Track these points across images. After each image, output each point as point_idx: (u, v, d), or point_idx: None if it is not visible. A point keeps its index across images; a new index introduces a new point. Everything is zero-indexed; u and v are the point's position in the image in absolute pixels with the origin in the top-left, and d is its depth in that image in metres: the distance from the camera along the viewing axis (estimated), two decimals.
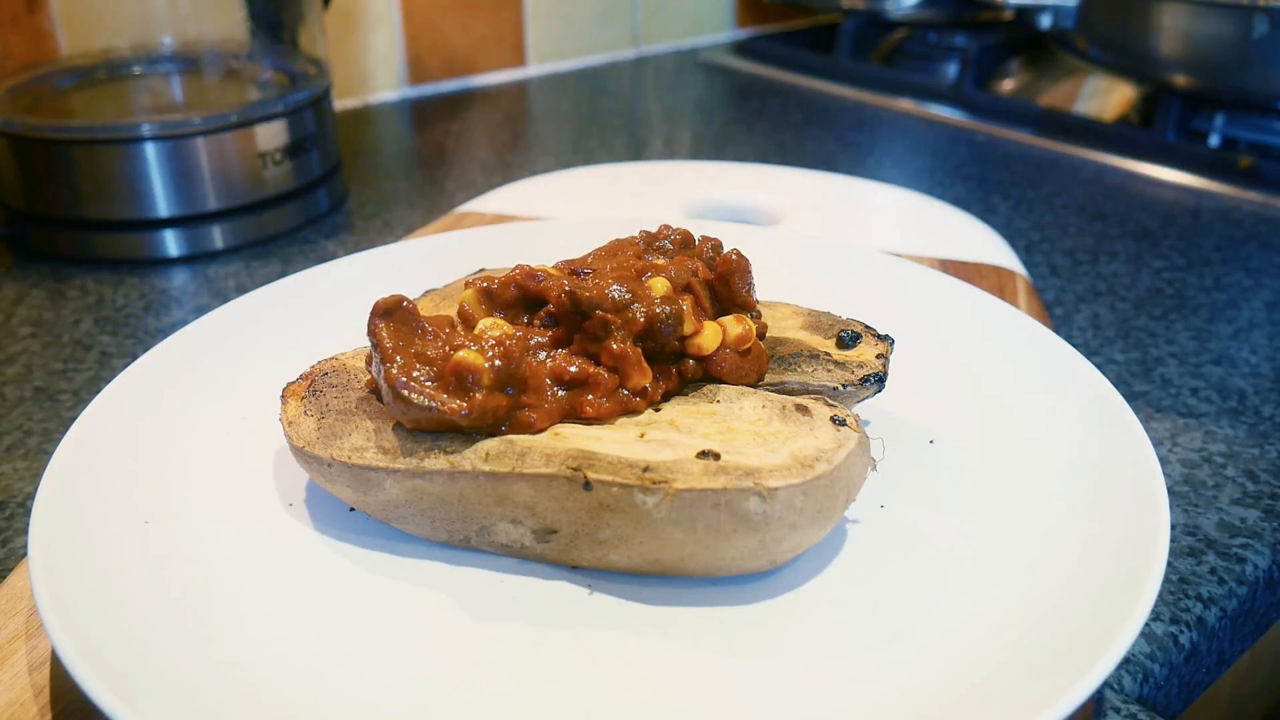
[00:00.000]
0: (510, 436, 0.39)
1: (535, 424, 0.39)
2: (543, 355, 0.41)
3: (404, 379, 0.38)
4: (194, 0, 0.80)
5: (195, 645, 0.35)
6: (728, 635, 0.36)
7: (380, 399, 0.42)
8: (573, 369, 0.40)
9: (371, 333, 0.40)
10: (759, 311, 0.45)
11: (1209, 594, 0.44)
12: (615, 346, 0.40)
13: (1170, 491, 0.49)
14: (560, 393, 0.40)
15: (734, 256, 0.44)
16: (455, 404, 0.38)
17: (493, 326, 0.41)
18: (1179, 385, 0.58)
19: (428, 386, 0.38)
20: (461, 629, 0.37)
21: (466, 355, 0.38)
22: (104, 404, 0.46)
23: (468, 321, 0.42)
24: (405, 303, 0.40)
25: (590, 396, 0.40)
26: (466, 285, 0.43)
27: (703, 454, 0.37)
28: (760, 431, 0.38)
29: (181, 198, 0.73)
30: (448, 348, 0.39)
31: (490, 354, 0.39)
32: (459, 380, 0.38)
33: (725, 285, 0.44)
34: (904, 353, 0.51)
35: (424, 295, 0.50)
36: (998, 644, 0.35)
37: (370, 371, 0.41)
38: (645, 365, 0.40)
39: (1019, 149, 0.96)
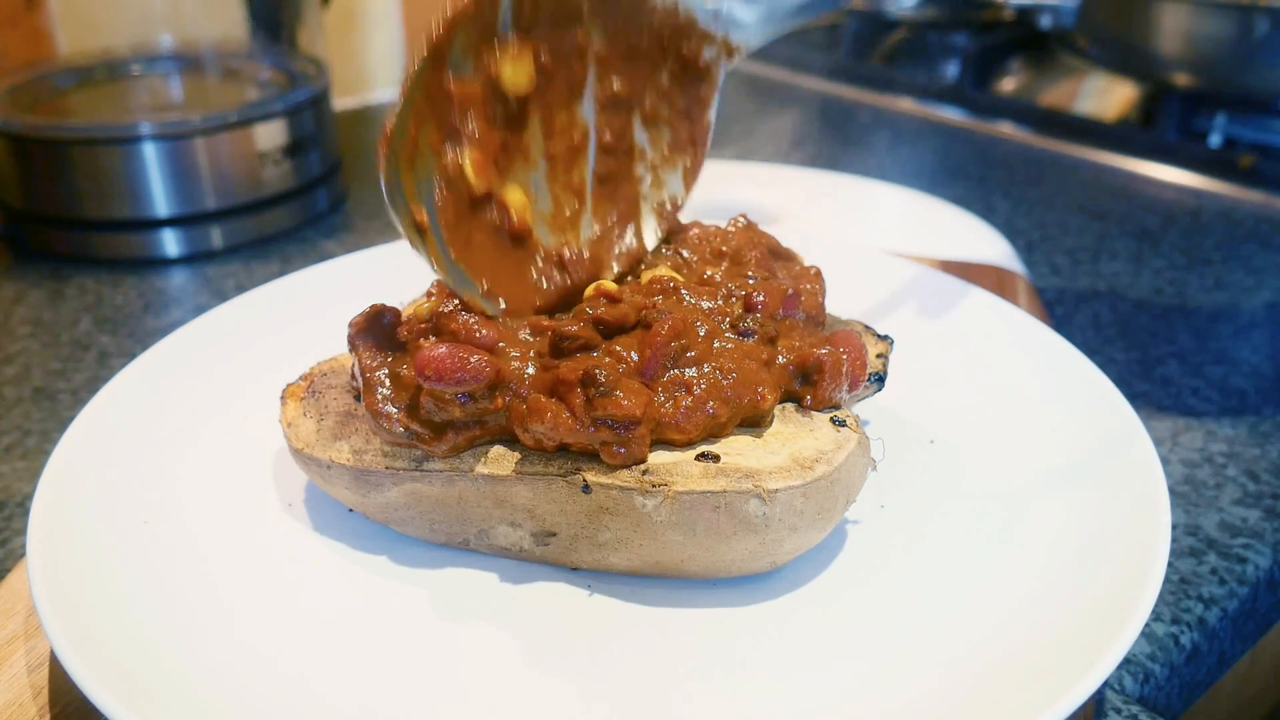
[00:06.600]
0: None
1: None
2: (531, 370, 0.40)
3: (382, 406, 0.38)
4: (194, 0, 0.80)
5: (194, 645, 0.35)
6: (728, 635, 0.36)
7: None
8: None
9: (351, 350, 0.40)
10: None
11: (1210, 594, 0.44)
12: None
13: (1171, 491, 0.49)
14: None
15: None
16: (430, 437, 0.38)
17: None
18: (1179, 385, 0.58)
19: (406, 417, 0.38)
20: (461, 630, 0.37)
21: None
22: (103, 404, 0.46)
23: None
24: (385, 317, 0.40)
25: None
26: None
27: (702, 456, 0.37)
28: (760, 433, 0.38)
29: (180, 197, 0.73)
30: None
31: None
32: (436, 404, 0.38)
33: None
34: (904, 353, 0.51)
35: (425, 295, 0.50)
36: (998, 644, 0.35)
37: (354, 383, 0.41)
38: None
39: (1019, 149, 0.96)
